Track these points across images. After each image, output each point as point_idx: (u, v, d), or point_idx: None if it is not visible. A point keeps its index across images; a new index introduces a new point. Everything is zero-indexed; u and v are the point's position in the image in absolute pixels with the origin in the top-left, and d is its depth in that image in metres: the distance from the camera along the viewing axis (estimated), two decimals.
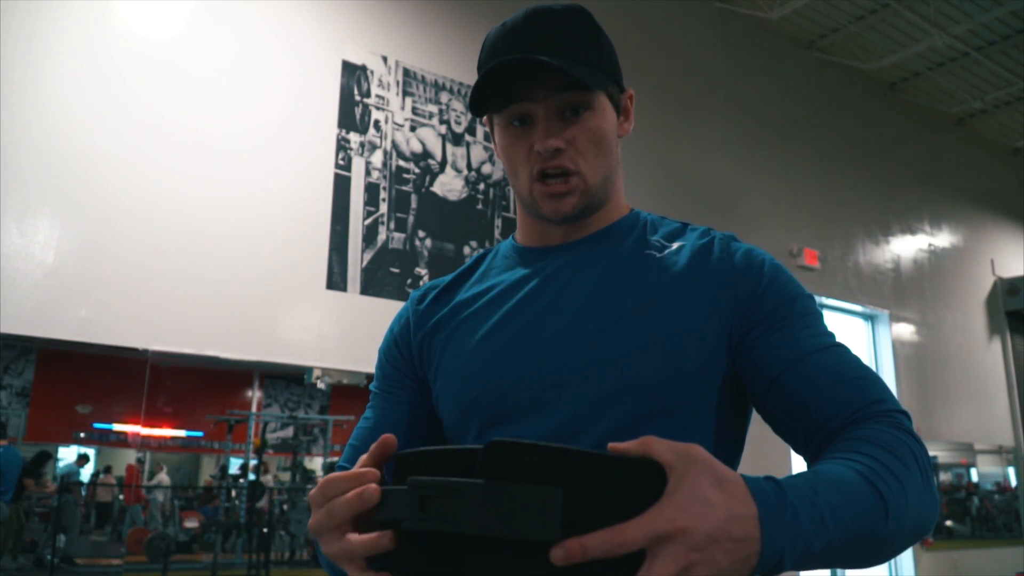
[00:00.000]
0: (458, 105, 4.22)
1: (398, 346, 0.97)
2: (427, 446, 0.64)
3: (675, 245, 0.89)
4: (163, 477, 3.40)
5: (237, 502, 3.63)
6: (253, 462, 3.67)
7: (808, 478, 0.62)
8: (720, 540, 0.53)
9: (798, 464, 5.49)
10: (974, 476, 7.30)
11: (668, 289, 0.84)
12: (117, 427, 3.26)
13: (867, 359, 6.50)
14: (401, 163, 3.96)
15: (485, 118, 0.94)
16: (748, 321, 0.82)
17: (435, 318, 0.94)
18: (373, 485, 0.62)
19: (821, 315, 0.85)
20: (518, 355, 0.85)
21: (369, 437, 0.89)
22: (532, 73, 0.84)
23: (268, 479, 3.69)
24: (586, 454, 0.52)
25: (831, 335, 0.82)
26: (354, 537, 0.62)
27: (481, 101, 0.87)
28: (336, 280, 3.63)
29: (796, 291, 0.85)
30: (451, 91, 4.21)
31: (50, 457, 3.24)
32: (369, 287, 3.72)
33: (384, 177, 3.89)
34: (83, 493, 3.30)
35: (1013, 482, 7.50)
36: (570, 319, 0.84)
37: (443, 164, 4.11)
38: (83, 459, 3.28)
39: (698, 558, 0.52)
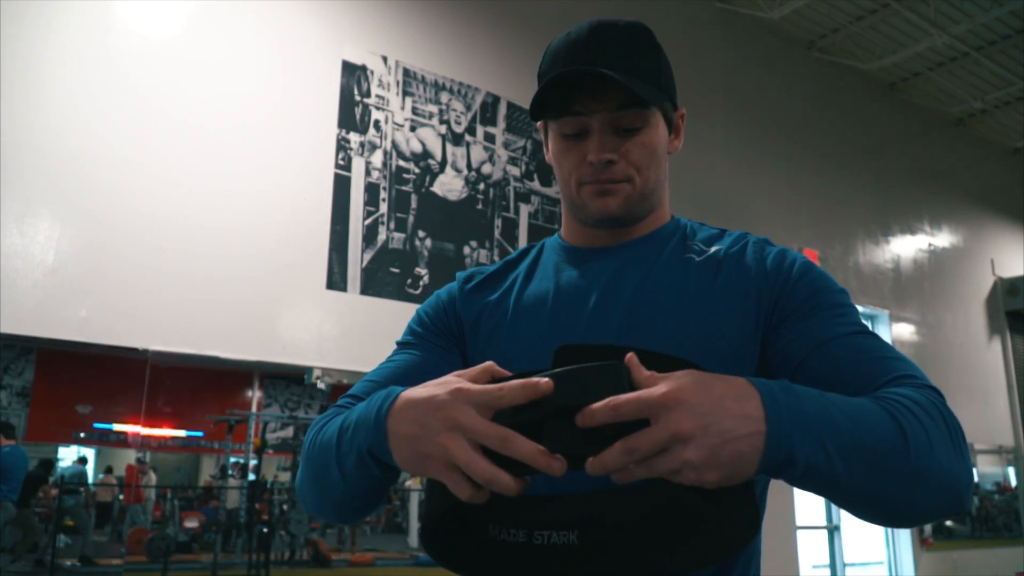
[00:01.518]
0: (458, 105, 4.22)
1: (445, 311, 0.99)
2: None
3: (712, 249, 0.93)
4: (151, 477, 3.39)
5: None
6: (253, 462, 3.67)
7: (818, 394, 0.63)
8: (721, 411, 0.57)
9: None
10: (974, 476, 7.29)
11: (705, 291, 0.88)
12: (117, 427, 3.26)
13: None
14: (401, 163, 3.96)
15: (540, 124, 0.97)
16: (779, 315, 0.84)
17: (482, 303, 0.97)
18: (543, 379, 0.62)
19: (854, 310, 0.85)
20: (571, 342, 0.89)
21: (396, 375, 0.90)
22: (592, 86, 0.86)
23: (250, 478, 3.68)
24: (627, 348, 0.64)
25: (863, 326, 0.83)
26: (527, 443, 0.59)
27: (540, 107, 0.89)
28: (336, 280, 3.63)
29: (827, 285, 0.86)
30: (451, 91, 4.21)
31: (53, 464, 3.24)
32: (369, 287, 3.72)
33: (384, 177, 3.89)
34: (83, 494, 3.30)
35: (1013, 482, 7.50)
36: (616, 320, 0.88)
37: (443, 164, 4.11)
38: (82, 460, 3.29)
39: (702, 423, 0.56)
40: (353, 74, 3.87)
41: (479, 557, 0.73)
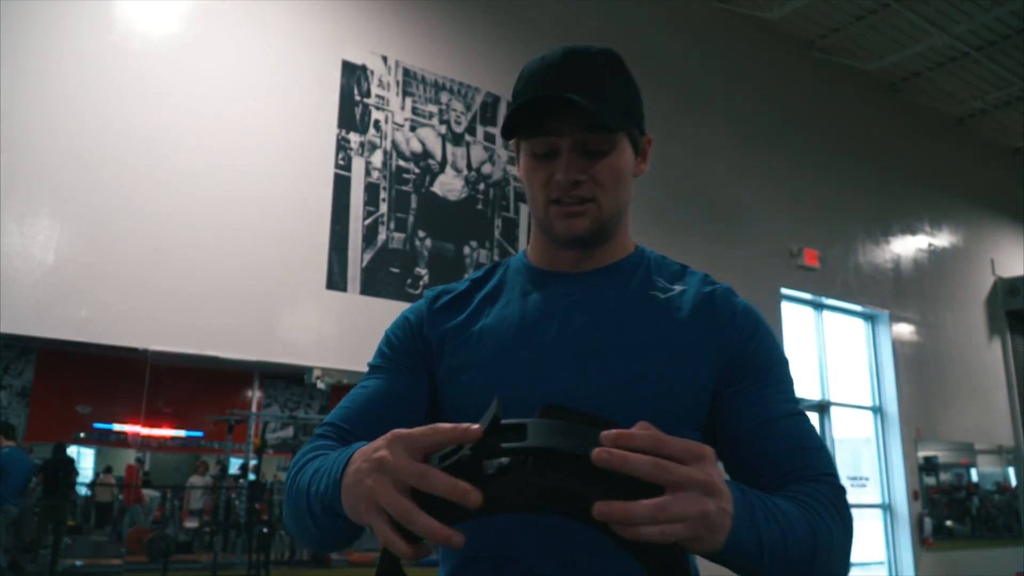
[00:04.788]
0: (458, 105, 4.22)
1: (412, 331, 1.01)
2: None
3: (677, 288, 0.97)
4: (110, 478, 3.37)
5: (237, 502, 3.63)
6: (253, 462, 3.67)
7: (762, 495, 0.72)
8: (725, 486, 0.64)
9: None
10: (974, 476, 7.30)
11: (670, 332, 0.92)
12: (117, 427, 3.26)
13: (867, 359, 6.51)
14: (401, 163, 3.96)
15: (512, 142, 1.01)
16: (734, 375, 0.91)
17: (449, 324, 0.99)
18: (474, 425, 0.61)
19: (793, 383, 0.95)
20: (528, 375, 0.92)
21: (366, 403, 0.94)
22: (561, 109, 0.90)
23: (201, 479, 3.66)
24: (614, 423, 0.64)
25: (798, 403, 0.92)
26: (444, 476, 0.59)
27: (512, 127, 0.94)
28: (336, 280, 3.63)
29: (778, 356, 0.94)
30: (451, 91, 4.21)
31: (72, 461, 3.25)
32: (369, 287, 3.72)
33: (384, 177, 3.89)
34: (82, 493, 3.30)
35: (1013, 482, 7.50)
36: (580, 348, 0.91)
37: (443, 164, 4.11)
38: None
39: (720, 486, 0.62)
40: (353, 74, 3.87)
41: None
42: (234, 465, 3.67)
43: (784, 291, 5.66)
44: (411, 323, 1.01)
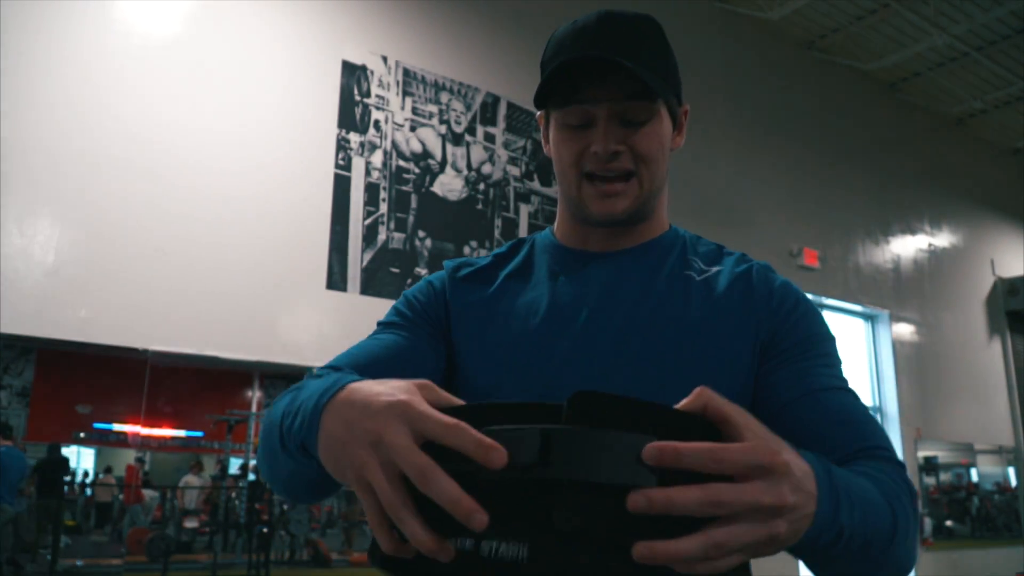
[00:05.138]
0: (458, 105, 4.22)
1: (436, 297, 0.94)
2: (488, 400, 0.55)
3: (714, 269, 0.91)
4: (110, 478, 3.36)
5: (237, 502, 3.63)
6: (253, 462, 3.67)
7: (848, 478, 0.61)
8: (802, 487, 0.51)
9: None
10: (974, 476, 7.30)
11: (708, 314, 0.85)
12: (117, 427, 3.26)
13: (867, 359, 6.51)
14: (401, 163, 3.96)
15: (539, 115, 0.93)
16: (775, 349, 0.84)
17: (473, 297, 0.93)
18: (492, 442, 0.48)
19: (840, 360, 0.87)
20: (557, 363, 0.84)
21: (376, 353, 0.86)
22: (599, 74, 0.83)
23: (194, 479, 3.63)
24: (665, 408, 0.51)
25: (846, 380, 0.84)
26: (449, 483, 0.47)
27: (543, 95, 0.86)
28: (336, 280, 3.63)
29: (823, 331, 0.87)
30: (451, 91, 4.21)
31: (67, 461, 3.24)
32: (369, 287, 3.72)
33: (384, 177, 3.89)
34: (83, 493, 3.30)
35: (1013, 482, 7.50)
36: (612, 334, 0.84)
37: (443, 164, 4.11)
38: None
39: (794, 502, 0.49)
40: (353, 74, 3.87)
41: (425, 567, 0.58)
42: (234, 465, 3.67)
43: None
44: (435, 288, 0.95)
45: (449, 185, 4.11)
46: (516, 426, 0.48)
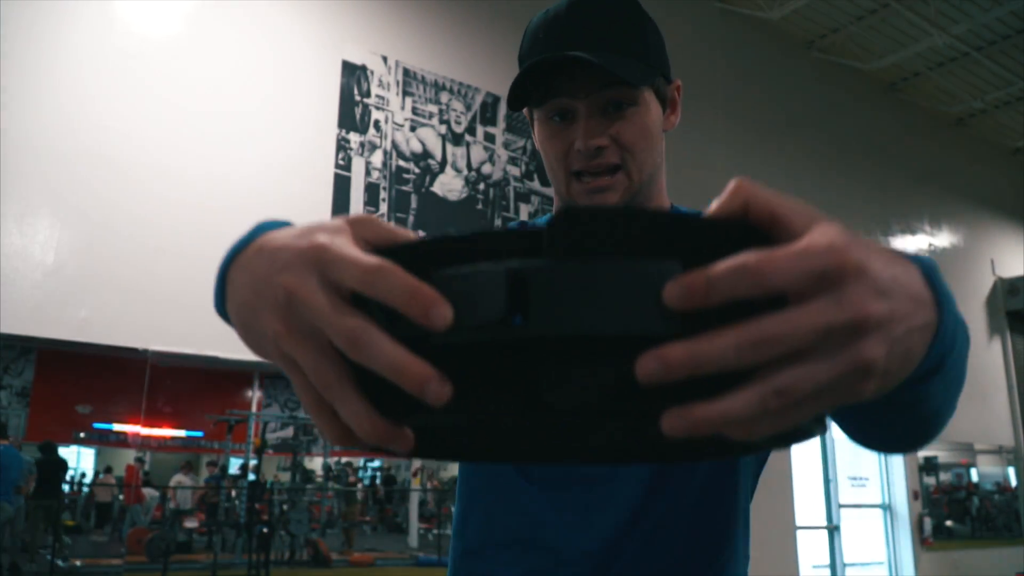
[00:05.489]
0: (458, 105, 4.22)
1: None
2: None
3: None
4: (110, 478, 3.36)
5: (237, 502, 3.63)
6: (253, 462, 3.67)
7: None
8: (899, 288, 0.36)
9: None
10: (974, 476, 7.30)
11: None
12: (117, 427, 3.26)
13: None
14: (401, 163, 3.96)
15: (525, 110, 0.91)
16: None
17: None
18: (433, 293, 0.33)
19: None
20: None
21: None
22: (573, 68, 0.80)
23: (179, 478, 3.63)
24: (689, 218, 0.37)
25: None
26: (389, 345, 0.34)
27: (520, 95, 0.84)
28: None
29: None
30: (451, 91, 4.21)
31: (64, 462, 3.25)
32: None
33: (384, 177, 3.89)
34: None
35: (1013, 482, 7.50)
36: None
37: (443, 164, 4.11)
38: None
39: (889, 306, 0.34)
40: (353, 74, 3.87)
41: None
42: (234, 465, 3.67)
43: None
44: None
45: (449, 185, 4.11)
46: (477, 266, 0.34)
